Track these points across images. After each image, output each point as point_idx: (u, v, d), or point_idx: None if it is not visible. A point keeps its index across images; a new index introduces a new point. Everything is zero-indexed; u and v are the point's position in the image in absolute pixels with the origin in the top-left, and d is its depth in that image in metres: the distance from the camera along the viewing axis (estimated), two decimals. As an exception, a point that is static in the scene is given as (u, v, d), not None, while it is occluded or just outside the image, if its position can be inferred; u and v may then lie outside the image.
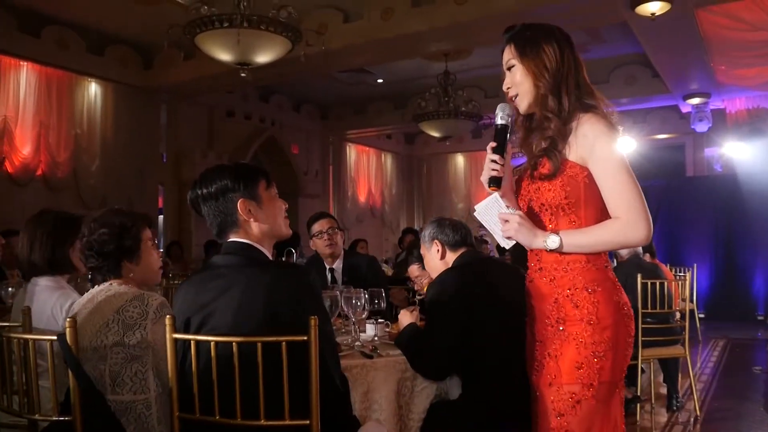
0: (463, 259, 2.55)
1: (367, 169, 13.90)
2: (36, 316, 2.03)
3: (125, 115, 8.88)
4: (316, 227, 3.84)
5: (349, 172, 13.31)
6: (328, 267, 3.90)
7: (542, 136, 1.80)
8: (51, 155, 7.94)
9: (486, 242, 8.49)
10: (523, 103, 1.85)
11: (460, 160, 14.62)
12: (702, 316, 9.11)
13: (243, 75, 5.80)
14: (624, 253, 4.97)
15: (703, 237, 10.18)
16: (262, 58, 5.71)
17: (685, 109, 10.69)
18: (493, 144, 1.85)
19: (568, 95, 1.78)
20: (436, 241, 2.61)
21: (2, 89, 7.50)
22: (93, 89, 8.57)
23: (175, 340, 1.69)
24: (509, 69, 1.87)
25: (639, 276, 4.32)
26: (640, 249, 5.01)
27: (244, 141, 10.89)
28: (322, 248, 3.84)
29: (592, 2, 6.28)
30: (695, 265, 7.91)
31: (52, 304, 2.31)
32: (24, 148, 7.67)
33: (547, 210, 1.82)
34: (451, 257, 2.59)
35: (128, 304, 1.88)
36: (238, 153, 10.43)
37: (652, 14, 6.08)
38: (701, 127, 10.43)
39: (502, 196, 1.86)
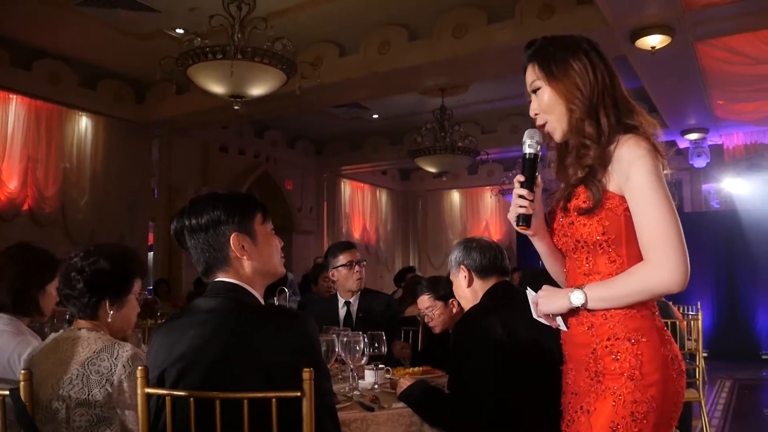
0: (493, 294, 2.31)
1: (362, 205, 13.75)
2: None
3: (116, 150, 8.76)
4: (345, 257, 3.47)
5: (343, 208, 13.16)
6: (344, 300, 3.55)
7: (580, 165, 1.57)
8: (38, 190, 7.77)
9: (517, 269, 8.13)
10: (558, 132, 1.62)
11: (456, 196, 14.49)
12: (705, 355, 8.89)
13: (236, 108, 5.65)
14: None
15: (703, 274, 10.00)
16: (256, 90, 5.58)
17: (682, 144, 10.63)
18: (520, 177, 1.61)
19: (606, 116, 1.55)
20: (462, 266, 2.37)
21: (-11, 123, 7.37)
22: (84, 123, 8.46)
23: (148, 395, 1.45)
24: (534, 92, 1.63)
25: (650, 315, 4.11)
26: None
27: (238, 176, 10.76)
28: (350, 282, 3.46)
29: (592, 37, 6.18)
30: (699, 302, 7.71)
31: (10, 352, 2.05)
32: (10, 183, 7.51)
33: (583, 248, 1.58)
34: (480, 286, 2.35)
35: (96, 356, 1.66)
36: (232, 188, 10.16)
37: (653, 48, 6.02)
38: (699, 163, 10.36)
39: (533, 235, 1.67)
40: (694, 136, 9.89)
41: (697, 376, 4.36)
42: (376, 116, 10.83)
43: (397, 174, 14.59)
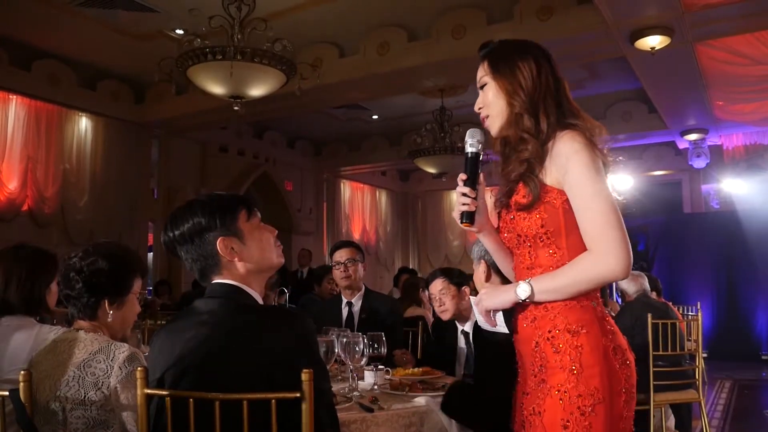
0: None
1: (362, 206, 13.74)
2: (8, 361, 1.80)
3: (116, 150, 8.76)
4: (335, 257, 3.57)
5: (343, 209, 13.15)
6: (346, 300, 3.59)
7: (518, 159, 1.62)
8: (38, 190, 7.77)
9: None
10: (495, 125, 1.69)
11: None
12: (705, 355, 8.89)
13: (236, 108, 5.65)
14: (631, 291, 4.76)
15: (703, 274, 10.02)
16: (256, 91, 5.58)
17: (682, 145, 10.64)
18: (463, 176, 1.68)
19: (546, 116, 1.60)
20: (483, 260, 2.42)
21: (-11, 123, 7.37)
22: (83, 123, 8.45)
23: (147, 396, 1.44)
24: (482, 88, 1.70)
25: (649, 316, 4.11)
26: (648, 287, 4.81)
27: (237, 177, 10.74)
28: (339, 280, 3.58)
29: (591, 37, 6.22)
30: (699, 303, 7.71)
31: (29, 348, 2.08)
32: (10, 183, 7.50)
33: (525, 242, 1.63)
34: (498, 282, 2.37)
35: (92, 357, 1.65)
36: (231, 189, 10.23)
37: (652, 48, 6.02)
38: (699, 164, 10.37)
39: (478, 232, 1.73)
40: (693, 136, 9.90)
41: (697, 377, 4.37)
42: (375, 117, 10.83)
43: (397, 175, 14.59)
